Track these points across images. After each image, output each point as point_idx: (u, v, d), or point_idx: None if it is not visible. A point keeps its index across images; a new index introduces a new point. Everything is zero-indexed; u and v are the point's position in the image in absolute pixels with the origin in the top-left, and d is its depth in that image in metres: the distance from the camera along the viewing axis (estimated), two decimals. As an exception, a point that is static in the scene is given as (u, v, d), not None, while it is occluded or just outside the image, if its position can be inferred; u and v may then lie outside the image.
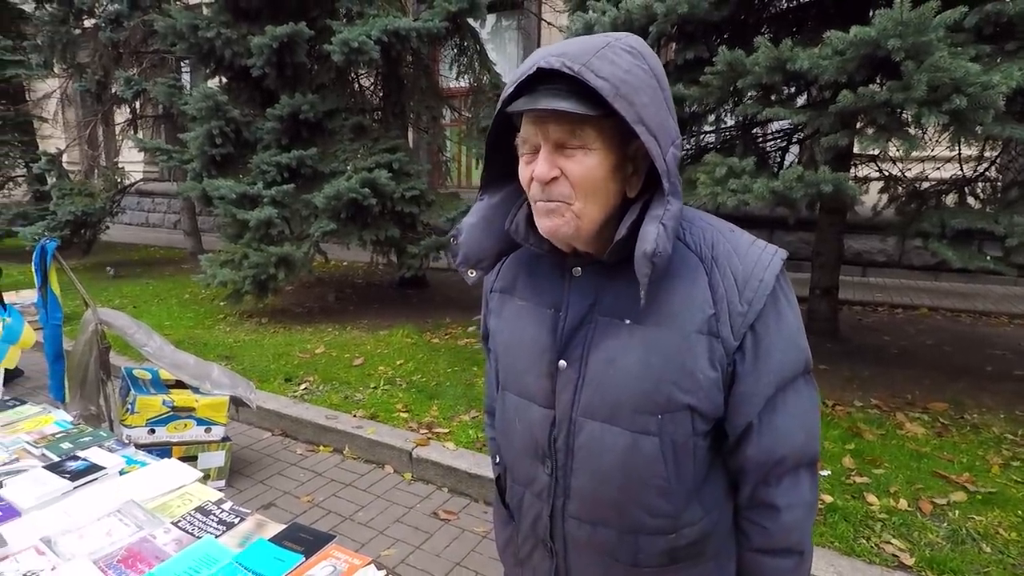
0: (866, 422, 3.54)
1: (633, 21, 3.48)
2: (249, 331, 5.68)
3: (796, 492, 0.93)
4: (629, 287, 0.88)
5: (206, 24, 5.49)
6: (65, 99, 10.43)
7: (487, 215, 0.98)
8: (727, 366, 0.88)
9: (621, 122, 0.80)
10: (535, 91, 0.82)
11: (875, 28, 2.79)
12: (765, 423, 0.90)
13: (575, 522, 0.98)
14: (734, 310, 0.87)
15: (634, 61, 0.82)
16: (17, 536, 1.33)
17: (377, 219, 5.48)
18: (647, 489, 0.91)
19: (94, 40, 8.95)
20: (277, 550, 1.32)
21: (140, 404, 2.90)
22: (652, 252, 0.81)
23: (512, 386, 1.04)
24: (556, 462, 0.97)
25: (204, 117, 5.57)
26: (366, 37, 4.95)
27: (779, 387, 0.90)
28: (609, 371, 0.91)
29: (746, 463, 0.93)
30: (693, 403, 0.88)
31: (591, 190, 0.85)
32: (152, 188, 13.19)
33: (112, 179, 9.21)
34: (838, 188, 3.04)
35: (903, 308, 6.43)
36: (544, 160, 0.84)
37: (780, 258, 0.90)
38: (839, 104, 2.95)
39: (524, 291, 1.03)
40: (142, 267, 9.25)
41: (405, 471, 3.35)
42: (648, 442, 0.89)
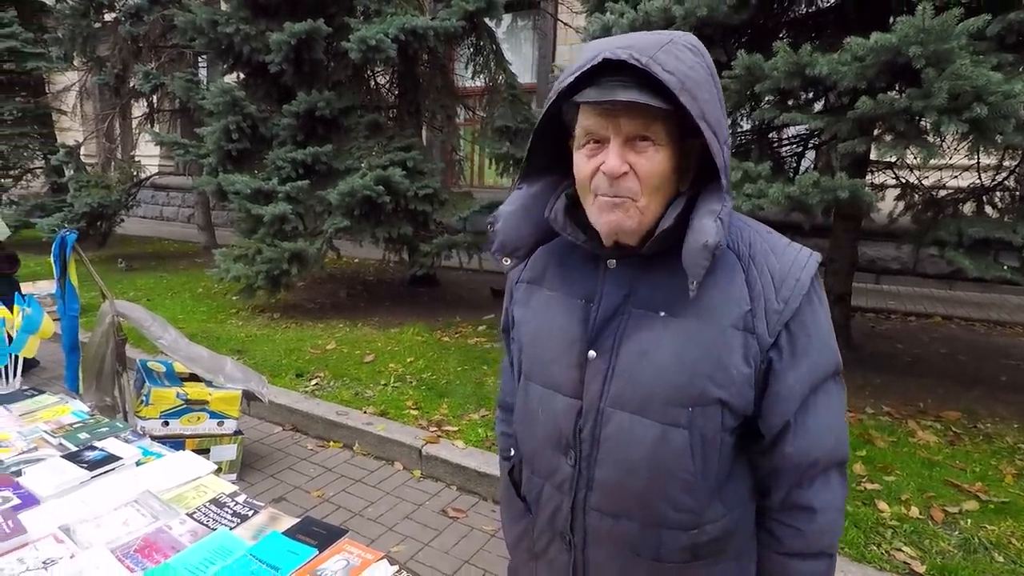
0: (878, 429, 3.52)
1: (652, 23, 3.47)
2: (261, 326, 5.72)
3: (829, 493, 0.93)
4: (665, 279, 0.91)
5: (225, 20, 5.54)
6: (84, 92, 10.54)
7: (526, 204, 0.98)
8: (760, 363, 0.89)
9: (682, 118, 0.81)
10: (600, 83, 0.81)
11: (896, 35, 2.77)
12: (800, 423, 0.90)
13: (597, 514, 0.97)
14: (770, 307, 0.88)
15: (695, 58, 0.82)
16: (36, 524, 1.35)
17: (390, 217, 5.50)
18: (673, 482, 0.91)
19: (114, 34, 9.06)
20: (291, 543, 1.34)
21: (155, 396, 2.93)
22: (715, 244, 0.81)
23: (537, 376, 1.03)
24: (580, 453, 0.96)
25: (221, 112, 5.62)
26: (384, 35, 4.97)
27: (813, 387, 0.90)
28: (642, 362, 0.90)
29: (783, 463, 0.93)
30: (725, 397, 0.88)
31: (657, 186, 0.86)
32: (167, 182, 13.31)
33: (128, 172, 9.31)
34: (854, 195, 3.02)
35: (917, 316, 6.38)
36: (615, 154, 0.84)
37: (815, 260, 0.91)
38: (858, 110, 2.93)
39: (553, 282, 1.02)
40: (156, 260, 9.34)
41: (415, 468, 3.36)
42: (678, 435, 0.89)
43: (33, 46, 9.70)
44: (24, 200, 10.09)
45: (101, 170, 9.92)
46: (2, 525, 1.33)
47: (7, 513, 1.37)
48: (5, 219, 8.16)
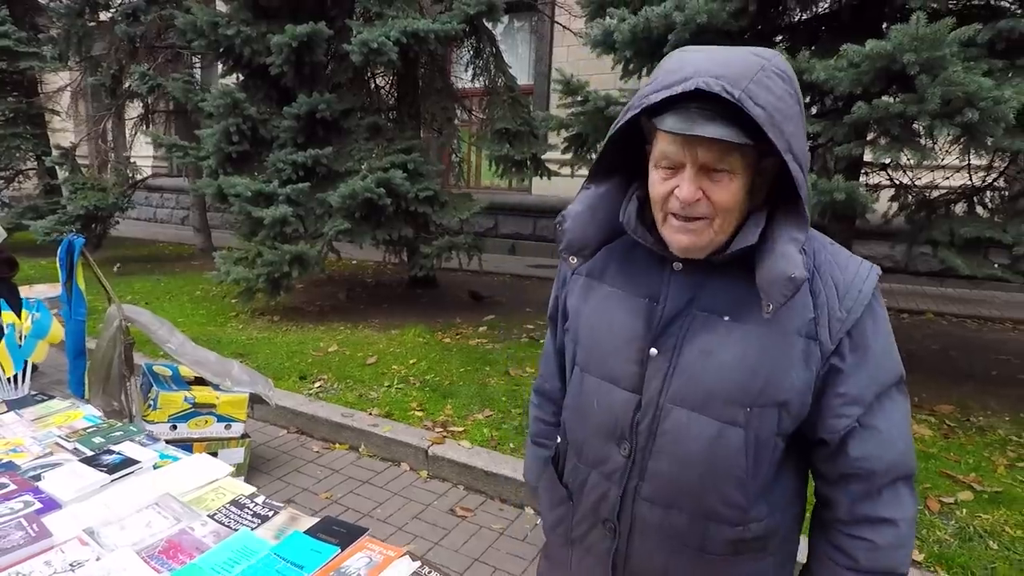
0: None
1: (652, 29, 3.51)
2: (262, 329, 5.73)
3: (900, 506, 0.94)
4: (729, 287, 0.94)
5: (227, 22, 5.54)
6: (79, 93, 10.48)
7: (592, 204, 1.01)
8: (821, 369, 0.91)
9: (763, 145, 0.82)
10: (686, 108, 0.83)
11: (891, 42, 2.83)
12: (868, 427, 0.92)
13: (647, 504, 1.00)
14: (833, 315, 0.90)
15: (785, 87, 0.83)
16: (60, 527, 1.36)
17: (391, 219, 5.52)
18: (726, 478, 0.94)
19: (110, 34, 9.00)
20: (313, 542, 1.36)
21: (163, 400, 2.95)
22: (801, 279, 0.84)
23: (593, 368, 1.06)
24: (635, 444, 0.99)
25: (221, 114, 5.62)
26: (385, 38, 4.99)
27: (878, 393, 0.93)
28: (704, 362, 0.93)
29: (850, 468, 0.94)
30: (784, 399, 0.91)
31: (733, 209, 0.89)
32: (161, 183, 13.25)
33: (124, 174, 9.26)
34: (850, 196, 3.08)
35: (909, 313, 6.48)
36: (689, 182, 0.87)
37: (876, 273, 0.94)
38: (853, 115, 2.99)
39: (615, 279, 1.05)
40: (152, 263, 9.30)
41: (421, 469, 3.39)
42: (734, 433, 0.93)
43: (26, 45, 9.61)
44: (16, 202, 10.02)
45: (96, 172, 9.87)
46: (27, 529, 1.34)
47: (31, 517, 1.38)
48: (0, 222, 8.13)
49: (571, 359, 1.14)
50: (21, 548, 1.28)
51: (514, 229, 9.83)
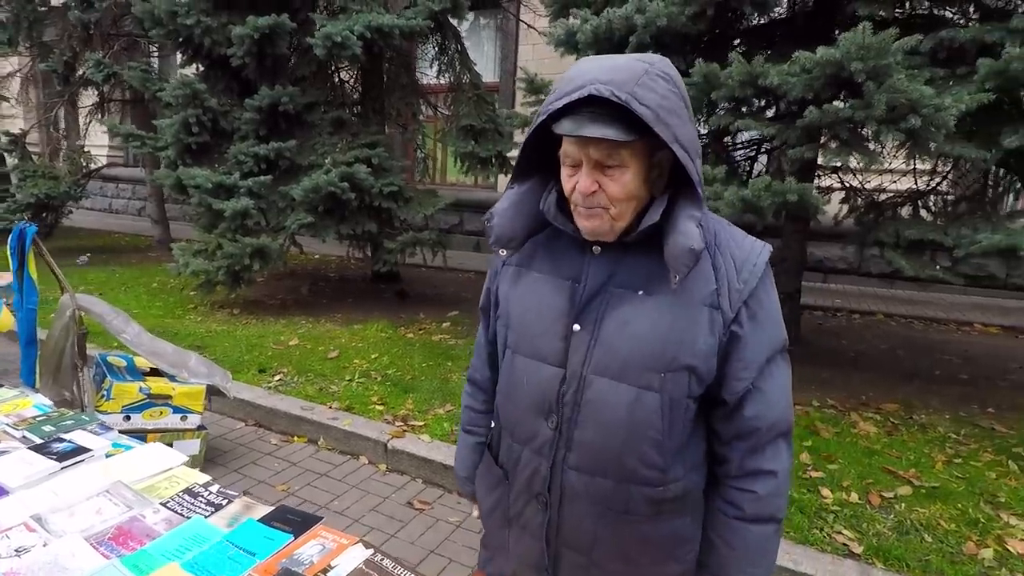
0: (823, 421, 3.73)
1: (614, 31, 3.59)
2: (221, 321, 5.63)
3: (779, 458, 1.06)
4: (642, 264, 1.04)
5: (186, 11, 5.42)
6: (30, 79, 10.09)
7: (517, 200, 1.10)
8: (723, 335, 1.01)
9: (653, 138, 0.92)
10: (580, 112, 0.93)
11: (839, 50, 2.96)
12: (759, 388, 1.03)
13: (575, 473, 1.08)
14: (732, 287, 1.01)
15: (668, 86, 0.94)
16: (6, 514, 1.35)
17: (354, 213, 5.49)
18: (645, 440, 1.03)
19: (62, 19, 8.69)
20: (266, 530, 1.36)
21: (116, 391, 2.89)
22: (699, 249, 0.94)
23: (523, 348, 1.14)
24: (562, 416, 1.08)
25: (181, 105, 5.49)
26: (349, 32, 4.96)
27: (769, 357, 1.04)
28: (622, 333, 1.03)
29: (743, 427, 1.04)
30: (693, 364, 1.01)
31: (626, 199, 0.99)
32: (117, 173, 12.85)
33: (78, 163, 8.96)
34: (803, 198, 3.21)
35: (861, 314, 6.73)
36: (586, 176, 0.98)
37: (768, 249, 1.06)
38: (806, 119, 3.12)
39: (542, 265, 1.14)
40: (107, 254, 9.02)
41: (380, 462, 3.40)
42: (650, 397, 1.02)
43: (-26, 29, 9.21)
44: (-38, 190, 9.59)
45: (48, 160, 9.51)
46: (-29, 515, 1.32)
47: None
48: (-57, 210, 7.78)
49: (502, 344, 1.22)
50: (-36, 534, 1.27)
51: (479, 226, 9.86)
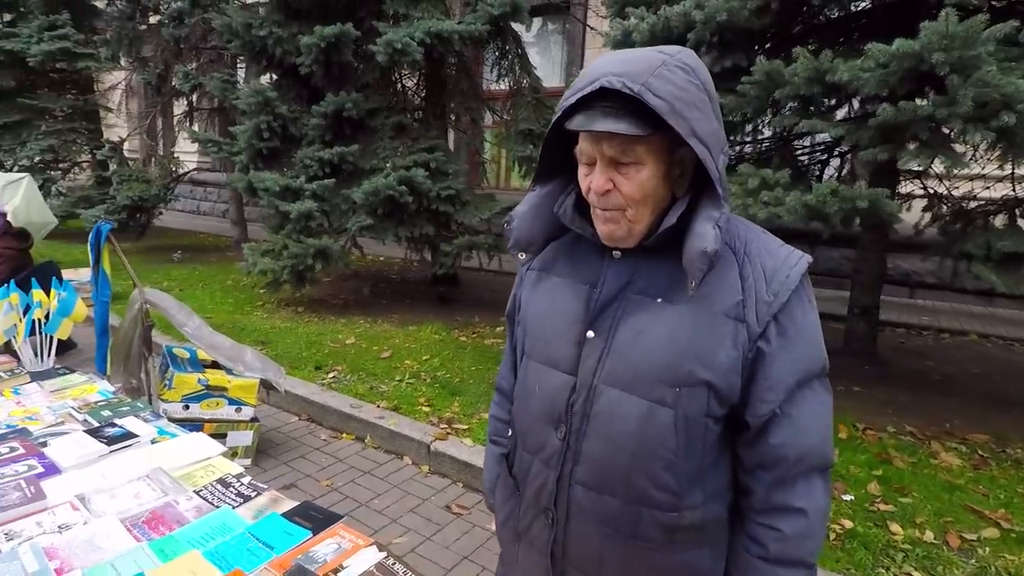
0: (898, 448, 3.43)
1: (672, 29, 3.48)
2: (285, 319, 5.86)
3: (812, 496, 0.95)
4: (663, 270, 0.97)
5: (259, 23, 5.72)
6: (129, 90, 10.96)
7: (537, 203, 1.07)
8: (748, 351, 0.93)
9: (672, 134, 0.86)
10: (593, 107, 0.89)
11: (919, 41, 2.73)
12: (787, 415, 0.93)
13: (581, 488, 1.02)
14: (760, 298, 0.93)
15: (687, 77, 0.88)
16: (56, 491, 1.43)
17: (413, 216, 5.59)
18: (656, 460, 0.95)
19: (157, 35, 9.41)
20: (288, 524, 1.39)
21: (177, 381, 3.05)
22: (713, 252, 0.87)
23: (537, 354, 1.09)
24: (570, 426, 1.02)
25: (253, 112, 5.79)
26: (409, 39, 5.07)
27: (800, 381, 0.94)
28: (636, 342, 0.96)
29: (768, 456, 0.95)
30: (711, 380, 0.92)
31: (642, 199, 0.93)
32: (205, 178, 13.70)
33: (167, 167, 9.64)
34: (875, 204, 2.97)
35: (951, 333, 6.17)
36: (599, 174, 0.93)
37: (806, 261, 0.96)
38: (879, 118, 2.89)
39: (562, 269, 1.10)
40: (191, 252, 9.63)
41: (423, 463, 3.42)
42: (663, 413, 0.94)
43: (84, 47, 10.12)
44: (71, 192, 10.53)
45: (142, 165, 10.29)
46: (24, 490, 1.41)
47: (30, 480, 1.46)
48: (53, 210, 8.55)
49: (520, 349, 1.17)
50: (16, 507, 1.35)
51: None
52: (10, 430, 1.77)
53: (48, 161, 10.70)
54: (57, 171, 11.12)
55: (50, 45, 9.71)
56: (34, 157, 10.24)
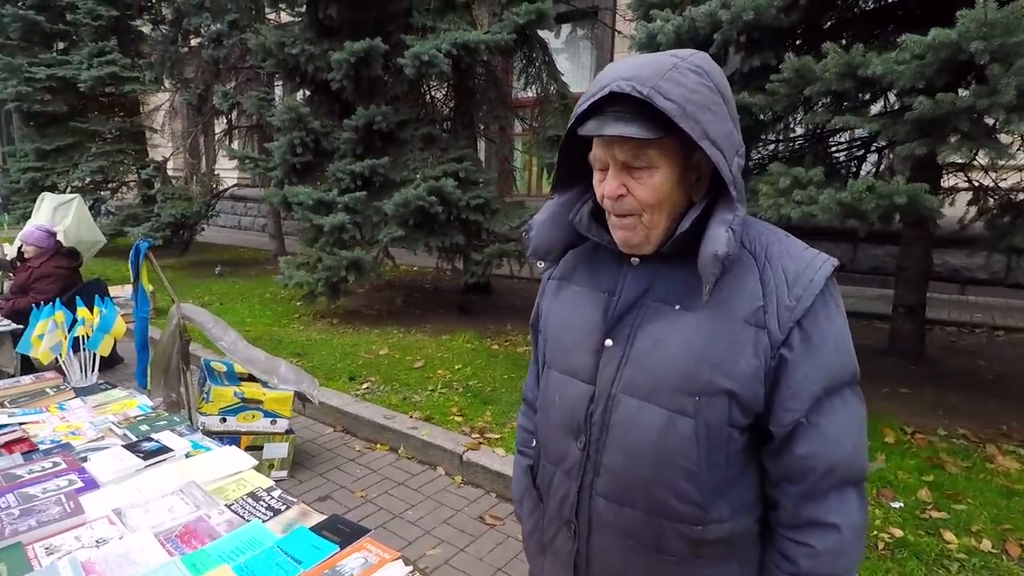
0: (950, 453, 3.29)
1: (697, 29, 3.42)
2: (321, 330, 5.97)
3: (845, 511, 0.91)
4: (682, 277, 0.96)
5: (292, 41, 5.87)
6: (172, 111, 11.40)
7: (556, 212, 1.07)
8: (771, 358, 0.90)
9: (685, 137, 0.86)
10: (604, 112, 0.89)
11: (957, 30, 2.62)
12: (813, 424, 0.90)
13: (603, 500, 1.00)
14: (782, 304, 0.90)
15: (699, 80, 0.87)
16: (94, 506, 1.48)
17: (443, 226, 5.64)
18: (677, 471, 0.93)
19: (198, 57, 9.77)
20: (315, 538, 1.40)
21: (215, 394, 3.13)
22: (724, 255, 0.86)
23: (557, 363, 1.08)
24: (590, 437, 1.00)
25: (287, 128, 5.94)
26: (436, 50, 5.13)
27: (827, 389, 0.91)
28: (654, 350, 0.95)
29: (794, 467, 0.92)
30: (732, 388, 0.90)
31: (657, 203, 0.92)
32: (244, 193, 14.12)
33: (208, 185, 9.97)
34: (913, 199, 2.86)
35: (1006, 330, 5.88)
36: (611, 179, 0.92)
37: (831, 264, 0.93)
38: (915, 111, 2.78)
39: (582, 278, 1.09)
40: (231, 267, 9.92)
41: (456, 474, 3.42)
42: (683, 423, 0.92)
43: (130, 71, 10.60)
44: (119, 211, 11.00)
45: (184, 183, 10.67)
46: (64, 505, 1.46)
47: (70, 495, 1.51)
48: (102, 228, 8.96)
49: (541, 359, 1.16)
50: (56, 522, 1.40)
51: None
52: (54, 445, 1.84)
53: (98, 182, 11.22)
54: (106, 191, 11.65)
55: (99, 70, 10.20)
56: (85, 178, 10.76)
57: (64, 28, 11.00)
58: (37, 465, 1.66)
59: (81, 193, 9.58)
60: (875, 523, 2.69)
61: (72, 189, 10.41)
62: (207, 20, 9.23)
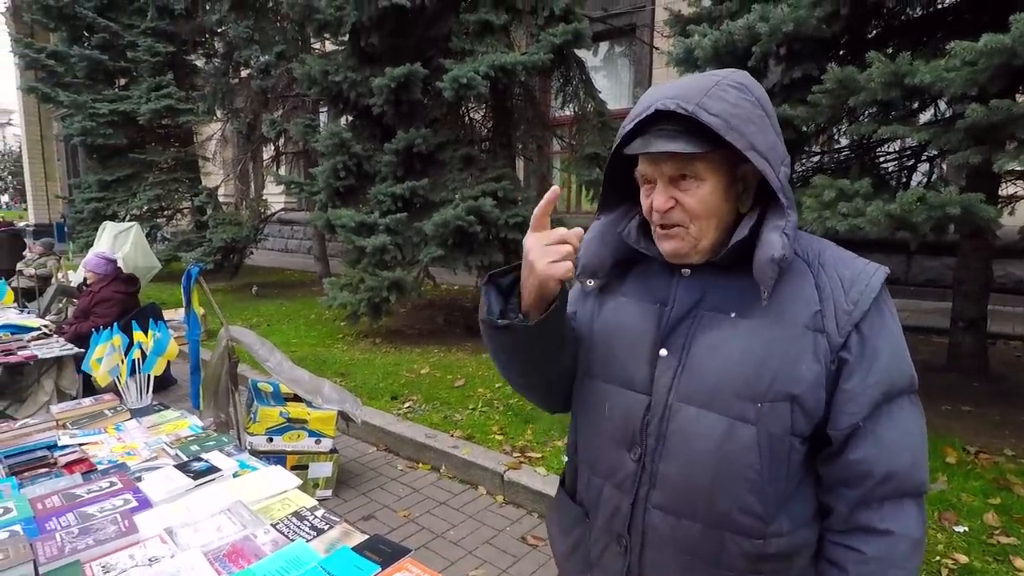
0: (1018, 474, 3.11)
1: (735, 43, 3.38)
2: (364, 350, 6.08)
3: (900, 521, 0.89)
4: (735, 286, 0.96)
5: (335, 69, 6.08)
6: (223, 140, 11.91)
7: (603, 230, 1.08)
8: (831, 363, 0.90)
9: (730, 151, 0.88)
10: (649, 131, 0.92)
11: (1011, 35, 2.51)
12: (870, 430, 0.89)
13: (659, 513, 0.98)
14: (839, 308, 0.90)
15: (740, 95, 0.90)
16: (147, 525, 1.53)
17: (482, 245, 5.68)
18: (739, 481, 0.91)
19: (247, 88, 10.20)
20: (357, 559, 1.41)
21: (261, 414, 3.22)
22: (780, 257, 0.87)
23: (605, 374, 1.07)
24: (645, 447, 0.99)
25: (331, 152, 6.13)
26: (474, 73, 5.22)
27: (886, 395, 0.90)
28: (711, 357, 0.94)
29: (849, 472, 0.90)
30: (795, 393, 0.89)
31: (705, 214, 0.93)
32: (291, 217, 14.58)
33: (256, 210, 10.33)
34: (968, 210, 2.73)
35: (1076, 345, 5.55)
36: (660, 193, 0.94)
37: (883, 272, 0.94)
38: (968, 119, 2.67)
39: (628, 290, 1.09)
40: (278, 289, 10.23)
41: (497, 493, 3.41)
42: (745, 430, 0.90)
43: (184, 103, 11.15)
44: (174, 237, 11.51)
45: (235, 208, 11.10)
46: (119, 524, 1.52)
47: (125, 514, 1.57)
48: (158, 254, 9.39)
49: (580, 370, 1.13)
50: (111, 541, 1.46)
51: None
52: (111, 465, 1.92)
53: (154, 210, 11.78)
54: (162, 218, 12.21)
55: (156, 104, 10.77)
56: (143, 207, 11.30)
57: (125, 65, 11.66)
58: (95, 485, 1.73)
59: (139, 221, 10.08)
60: (938, 548, 2.55)
61: (131, 217, 10.96)
62: (256, 52, 9.65)
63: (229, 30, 9.92)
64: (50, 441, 2.08)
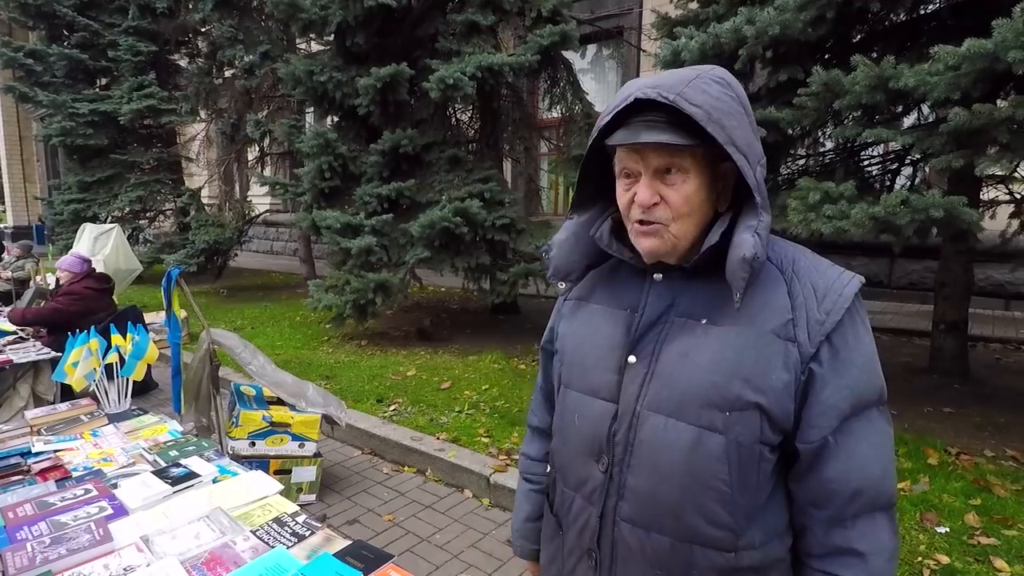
0: (998, 475, 3.14)
1: (722, 46, 3.40)
2: (349, 352, 6.02)
3: (874, 537, 0.88)
4: (707, 291, 0.94)
5: (320, 69, 6.02)
6: (207, 141, 11.76)
7: (576, 232, 1.05)
8: (801, 373, 0.88)
9: (711, 146, 0.86)
10: (631, 123, 0.89)
11: (993, 40, 2.54)
12: (842, 445, 0.88)
13: (628, 526, 0.96)
14: (812, 317, 0.88)
15: (722, 89, 0.88)
16: (122, 533, 1.49)
17: (469, 247, 5.66)
18: (707, 491, 0.89)
19: (231, 88, 10.09)
20: (339, 565, 1.39)
21: (243, 418, 3.16)
22: (752, 257, 0.85)
23: (576, 383, 1.05)
24: (613, 457, 0.96)
25: (316, 153, 6.07)
26: (461, 74, 5.20)
27: (855, 408, 0.88)
28: (680, 365, 0.92)
29: (821, 489, 0.89)
30: (763, 403, 0.87)
31: (688, 212, 0.91)
32: (276, 219, 14.46)
33: (240, 211, 10.22)
34: (951, 213, 2.76)
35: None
36: (645, 187, 0.91)
37: (858, 281, 0.92)
38: (951, 123, 2.69)
39: (600, 297, 1.07)
40: (263, 291, 10.12)
41: (483, 496, 3.38)
42: (714, 440, 0.89)
43: (167, 103, 10.99)
44: (157, 239, 11.34)
45: (218, 210, 10.96)
46: (94, 533, 1.47)
47: (100, 522, 1.52)
48: (140, 256, 9.24)
49: (557, 380, 1.13)
50: (85, 550, 1.41)
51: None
52: (87, 472, 1.87)
53: (136, 211, 11.59)
54: (144, 220, 12.01)
55: (138, 104, 10.60)
56: (124, 208, 11.11)
57: (106, 64, 11.48)
58: (69, 492, 1.69)
59: (120, 222, 9.92)
60: (920, 548, 2.57)
61: (112, 219, 10.77)
62: (240, 52, 9.54)
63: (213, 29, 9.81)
64: (24, 448, 2.03)
